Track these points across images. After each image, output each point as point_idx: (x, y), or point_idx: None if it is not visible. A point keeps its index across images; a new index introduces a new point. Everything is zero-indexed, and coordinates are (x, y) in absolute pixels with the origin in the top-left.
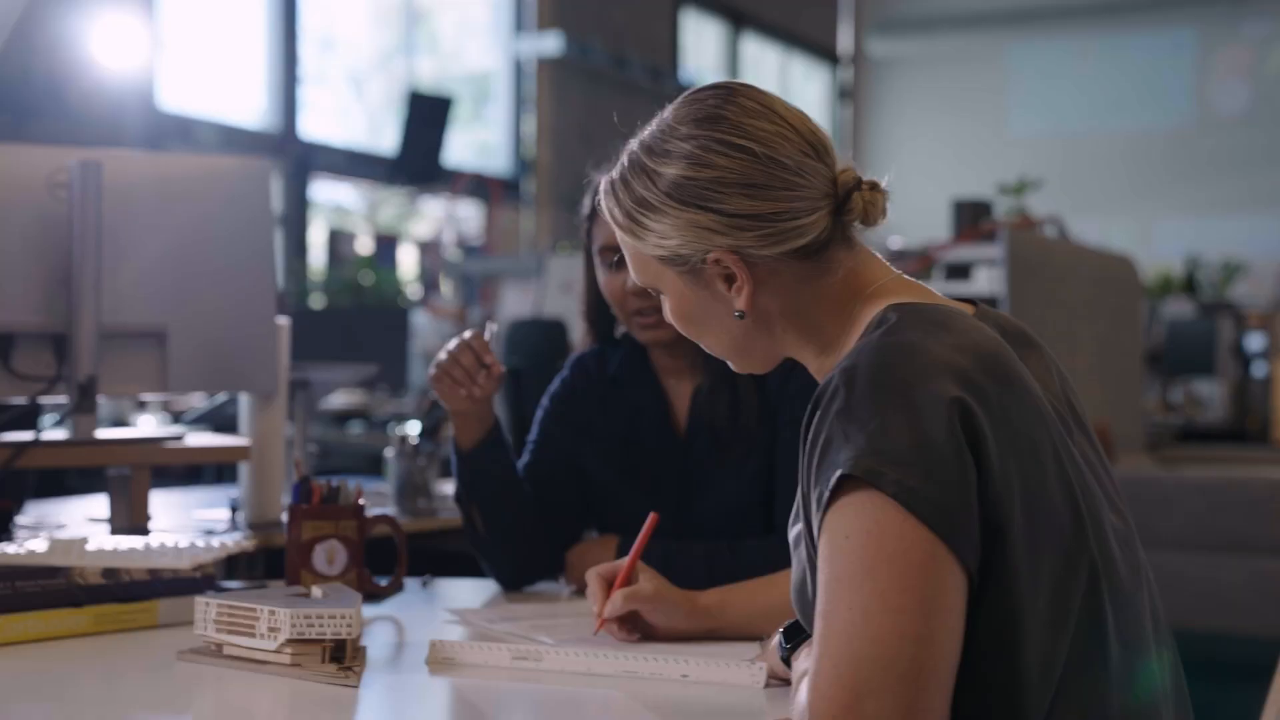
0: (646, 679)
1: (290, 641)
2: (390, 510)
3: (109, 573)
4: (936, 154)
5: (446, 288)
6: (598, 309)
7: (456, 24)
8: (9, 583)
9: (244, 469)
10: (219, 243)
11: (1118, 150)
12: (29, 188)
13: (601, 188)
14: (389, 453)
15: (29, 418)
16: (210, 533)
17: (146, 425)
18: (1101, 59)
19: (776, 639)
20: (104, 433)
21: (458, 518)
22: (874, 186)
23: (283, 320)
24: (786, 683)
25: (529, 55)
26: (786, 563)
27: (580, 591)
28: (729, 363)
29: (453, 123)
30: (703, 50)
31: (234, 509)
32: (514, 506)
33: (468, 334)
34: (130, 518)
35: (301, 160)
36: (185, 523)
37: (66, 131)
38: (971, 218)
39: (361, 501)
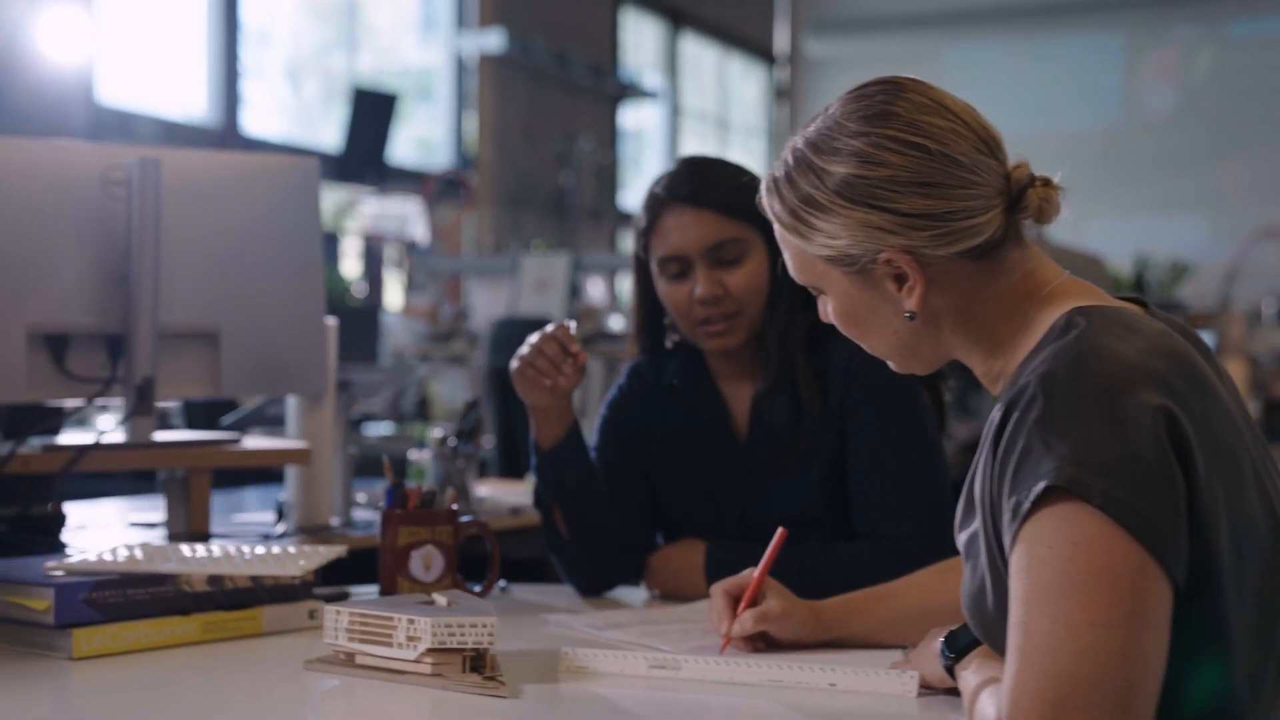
0: (792, 688)
1: (431, 651)
2: None
3: (214, 580)
4: None
5: (395, 287)
6: (650, 320)
7: (394, 19)
8: (120, 590)
9: (291, 472)
10: (269, 242)
11: (1050, 150)
12: (83, 185)
13: (763, 185)
14: (414, 454)
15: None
16: (267, 537)
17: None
18: (1034, 61)
19: (935, 645)
20: (162, 435)
21: (496, 520)
22: (1047, 183)
23: (331, 321)
24: (938, 691)
25: (471, 52)
26: (881, 570)
27: (664, 596)
28: (891, 364)
29: (397, 119)
30: (642, 48)
31: (280, 513)
32: (596, 507)
33: (550, 328)
34: (189, 523)
35: None
36: (229, 526)
37: (10, 126)
38: None
39: (455, 506)
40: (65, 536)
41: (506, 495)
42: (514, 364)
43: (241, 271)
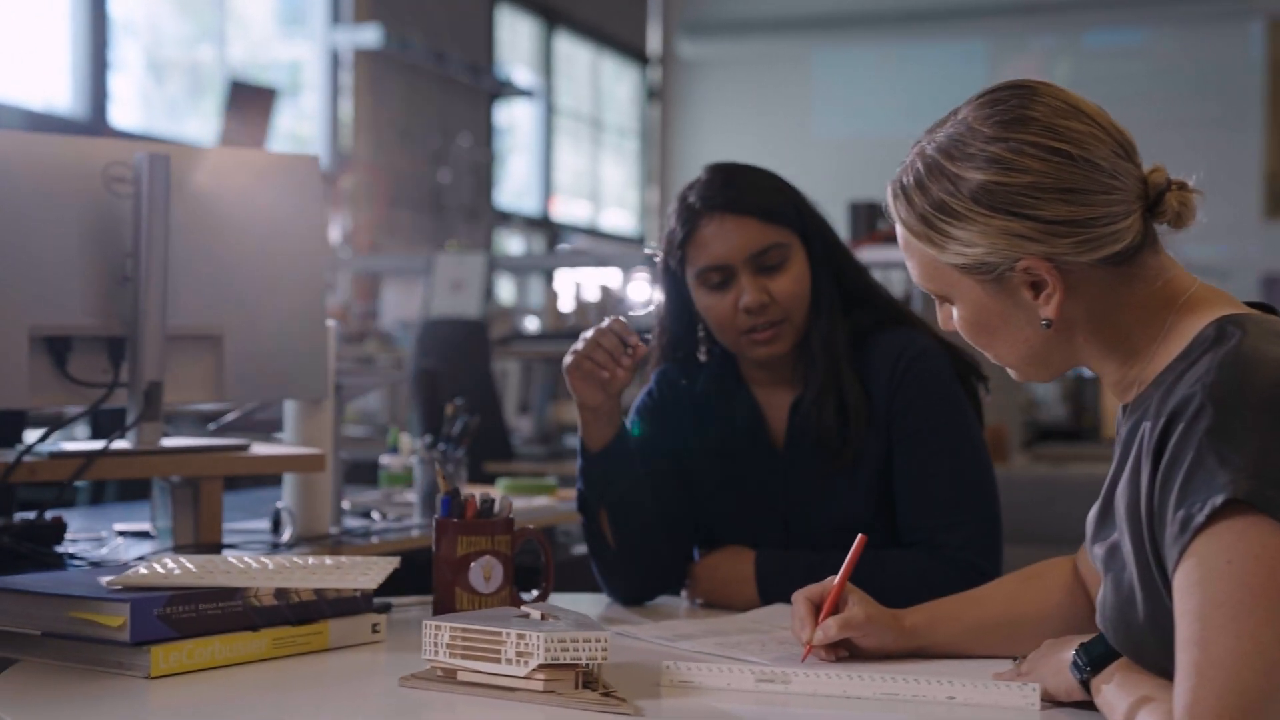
0: (909, 701)
1: (543, 667)
2: (416, 520)
3: (280, 593)
4: (742, 153)
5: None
6: (685, 334)
7: (265, 13)
8: (192, 605)
9: (290, 479)
10: (272, 241)
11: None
12: (85, 182)
13: (889, 192)
14: (385, 459)
15: (13, 429)
16: (276, 546)
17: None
18: (901, 66)
19: (1062, 657)
20: (169, 441)
21: None
22: (1183, 186)
23: (331, 323)
24: (1060, 705)
25: (345, 47)
26: (939, 578)
27: (707, 605)
28: (1012, 371)
29: (276, 114)
30: (517, 47)
31: (277, 521)
32: (645, 513)
33: (606, 321)
34: (197, 533)
35: None
36: (226, 536)
37: None
38: (869, 220)
39: (510, 515)
40: (63, 548)
41: None
42: (568, 359)
43: (245, 272)
